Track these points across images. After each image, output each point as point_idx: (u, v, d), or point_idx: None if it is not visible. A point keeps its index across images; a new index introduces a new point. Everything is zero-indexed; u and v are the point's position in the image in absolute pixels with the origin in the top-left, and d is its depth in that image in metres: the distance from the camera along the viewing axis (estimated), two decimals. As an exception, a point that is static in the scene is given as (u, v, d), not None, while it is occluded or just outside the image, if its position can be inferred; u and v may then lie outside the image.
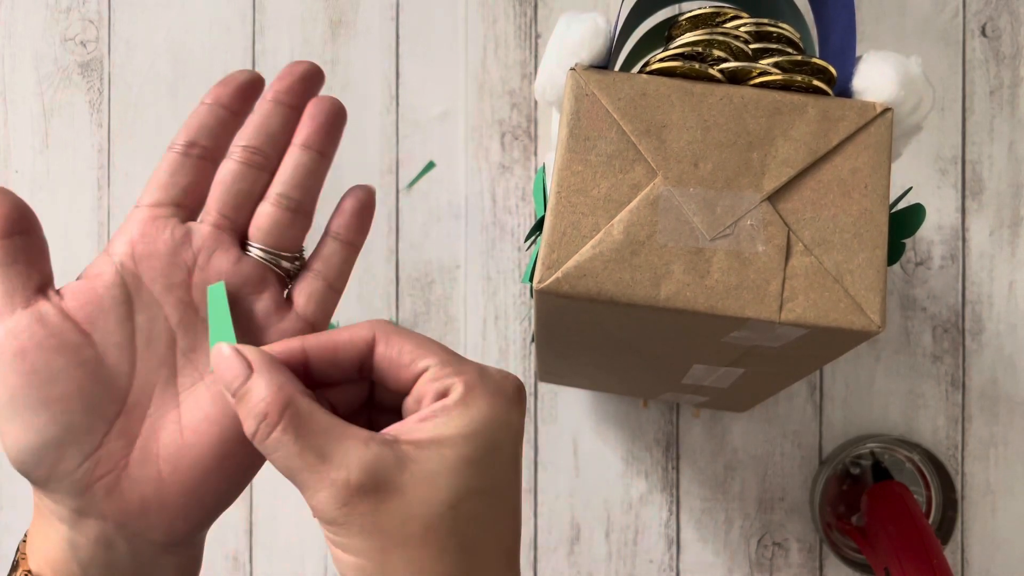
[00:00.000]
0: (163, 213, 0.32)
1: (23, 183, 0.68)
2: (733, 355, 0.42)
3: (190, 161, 0.33)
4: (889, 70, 0.37)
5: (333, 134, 0.34)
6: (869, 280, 0.36)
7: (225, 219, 0.33)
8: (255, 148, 0.33)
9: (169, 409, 0.31)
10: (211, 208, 0.33)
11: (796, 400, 0.66)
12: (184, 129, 0.33)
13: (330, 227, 0.34)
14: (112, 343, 0.31)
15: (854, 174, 0.37)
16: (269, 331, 0.33)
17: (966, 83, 0.66)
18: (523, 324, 0.66)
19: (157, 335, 0.32)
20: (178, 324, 0.32)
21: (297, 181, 0.33)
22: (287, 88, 0.34)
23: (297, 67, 0.34)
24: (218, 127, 0.33)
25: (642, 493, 0.66)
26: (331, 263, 0.34)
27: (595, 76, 0.37)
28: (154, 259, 0.32)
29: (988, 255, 0.66)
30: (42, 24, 0.68)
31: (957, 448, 0.65)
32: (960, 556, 0.65)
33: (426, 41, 0.68)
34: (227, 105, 0.33)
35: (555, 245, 0.36)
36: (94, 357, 0.30)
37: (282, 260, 0.33)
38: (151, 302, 0.32)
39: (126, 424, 0.31)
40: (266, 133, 0.33)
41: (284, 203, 0.33)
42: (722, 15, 0.41)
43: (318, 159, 0.33)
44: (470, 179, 0.67)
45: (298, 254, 0.34)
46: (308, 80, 0.34)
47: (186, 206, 0.33)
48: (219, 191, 0.33)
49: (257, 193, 0.33)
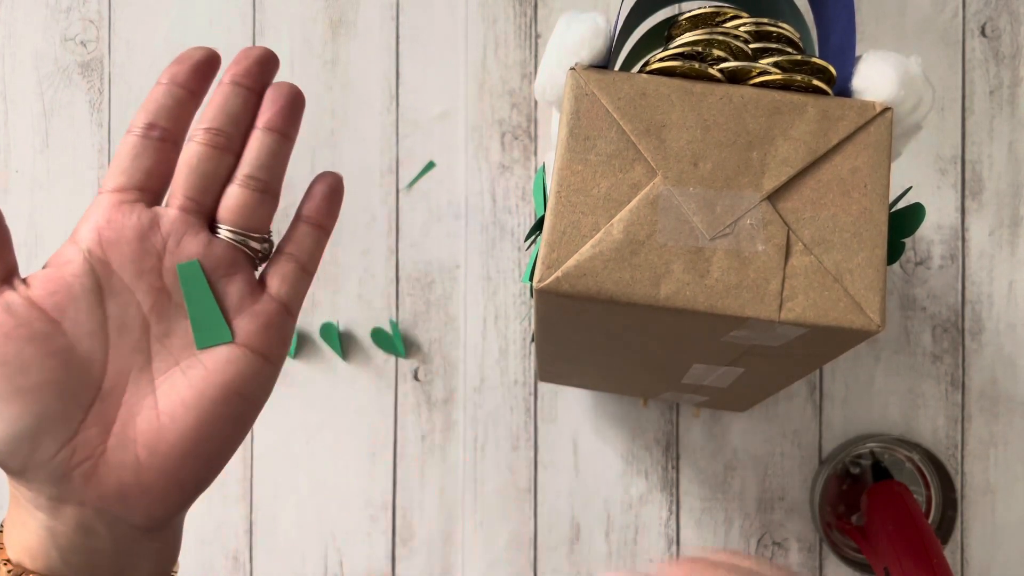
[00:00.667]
0: (128, 198, 0.32)
1: (23, 183, 0.68)
2: (733, 354, 0.42)
3: (151, 144, 0.32)
4: (889, 70, 0.37)
5: (294, 117, 0.34)
6: (869, 279, 0.36)
7: (192, 202, 0.33)
8: (217, 130, 0.33)
9: (145, 395, 0.32)
10: (177, 191, 0.33)
11: (796, 400, 0.66)
12: (142, 111, 0.33)
13: (301, 211, 0.35)
14: (84, 331, 0.31)
15: (854, 174, 0.37)
16: (244, 313, 0.33)
17: (966, 83, 0.66)
18: (523, 324, 0.66)
19: (130, 321, 0.32)
20: (151, 310, 0.32)
21: (263, 162, 0.33)
22: (244, 71, 0.33)
23: (252, 51, 0.34)
24: (177, 108, 0.33)
25: (642, 493, 0.66)
26: (303, 246, 0.34)
27: (595, 76, 0.37)
28: (123, 245, 0.32)
29: (988, 255, 0.66)
30: (42, 24, 0.68)
31: (957, 448, 0.65)
32: (960, 556, 0.65)
33: (426, 41, 0.68)
34: (184, 84, 0.33)
35: (555, 244, 0.36)
36: (65, 345, 0.30)
37: (252, 241, 0.33)
38: (122, 289, 0.32)
39: (101, 411, 0.31)
40: (228, 114, 0.33)
41: (252, 184, 0.33)
42: (722, 15, 0.41)
43: (282, 141, 0.33)
44: (470, 179, 0.67)
45: (267, 235, 0.34)
46: (264, 64, 0.34)
47: (150, 190, 0.33)
48: (184, 174, 0.33)
49: (223, 175, 0.33)
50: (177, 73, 0.33)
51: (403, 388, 0.67)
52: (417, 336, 0.67)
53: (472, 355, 0.66)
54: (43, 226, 0.68)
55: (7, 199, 0.68)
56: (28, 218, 0.68)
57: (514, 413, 0.66)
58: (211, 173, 0.33)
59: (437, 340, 0.67)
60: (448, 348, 0.67)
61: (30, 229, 0.68)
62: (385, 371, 0.67)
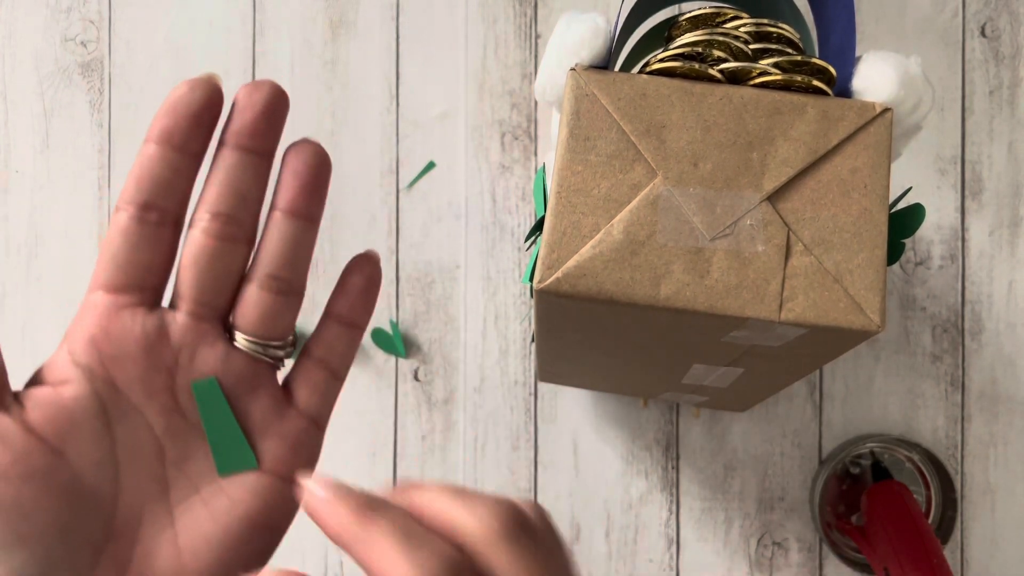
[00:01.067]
0: (126, 302, 0.27)
1: (23, 183, 0.68)
2: (733, 355, 0.42)
3: (149, 230, 0.27)
4: (889, 70, 0.37)
5: (320, 193, 0.28)
6: (869, 280, 0.36)
7: (204, 307, 0.28)
8: (227, 216, 0.27)
9: (163, 528, 0.28)
10: (185, 293, 0.28)
11: (796, 400, 0.66)
12: (134, 183, 0.27)
13: (332, 309, 0.30)
14: (90, 461, 0.26)
15: (854, 174, 0.37)
16: (269, 434, 0.29)
17: (966, 83, 0.66)
18: (523, 324, 0.66)
19: (141, 447, 0.27)
20: (164, 433, 0.28)
21: (287, 258, 0.28)
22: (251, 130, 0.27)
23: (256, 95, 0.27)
24: (176, 179, 0.27)
25: (642, 493, 0.66)
26: (334, 349, 0.30)
27: (595, 76, 0.37)
28: (127, 361, 0.27)
29: (988, 255, 0.66)
30: (42, 24, 0.68)
31: (957, 448, 0.65)
32: (960, 556, 0.65)
33: (426, 41, 0.68)
34: (182, 147, 0.27)
35: (555, 245, 0.36)
36: (70, 480, 0.26)
37: (275, 349, 0.29)
38: (130, 411, 0.27)
39: (116, 550, 0.27)
40: (236, 194, 0.27)
41: (275, 286, 0.28)
42: (722, 15, 0.41)
43: (306, 227, 0.28)
44: (470, 179, 0.67)
45: (291, 338, 0.30)
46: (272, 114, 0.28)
47: (151, 287, 0.28)
48: (193, 274, 0.28)
49: (236, 271, 0.28)
50: (172, 131, 0.27)
51: (403, 388, 0.67)
52: (417, 336, 0.67)
53: (472, 355, 0.66)
54: (43, 226, 0.68)
55: (7, 199, 0.68)
56: (28, 218, 0.68)
57: (514, 413, 0.66)
58: (224, 272, 0.28)
59: (437, 340, 0.67)
60: (448, 348, 0.67)
61: (30, 229, 0.68)
62: (385, 371, 0.67)
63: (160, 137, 0.27)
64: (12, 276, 0.68)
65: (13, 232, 0.68)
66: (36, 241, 0.68)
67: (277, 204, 0.28)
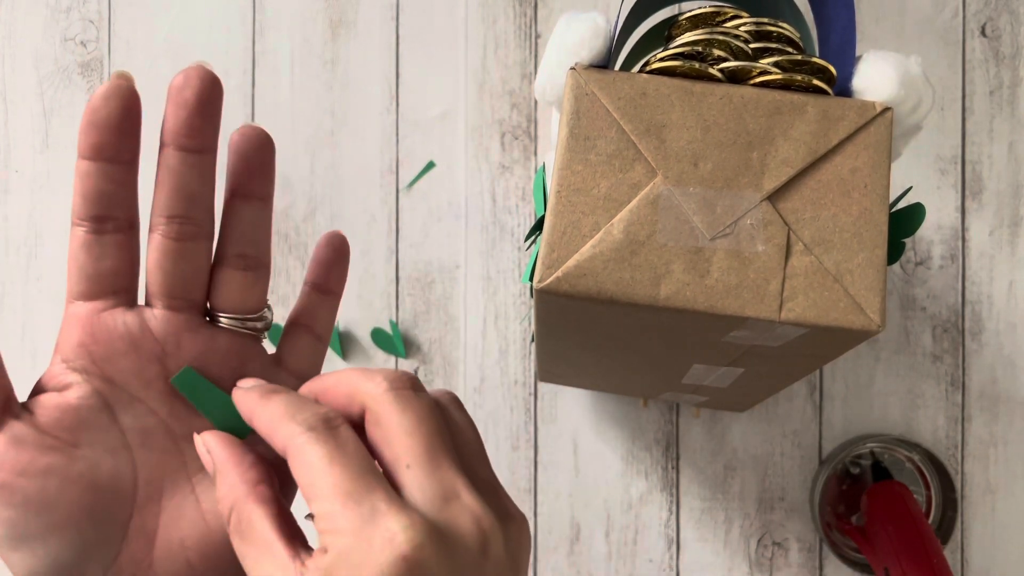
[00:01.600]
0: (104, 306, 0.29)
1: (23, 183, 0.68)
2: (733, 355, 0.42)
3: (107, 238, 0.29)
4: (889, 70, 0.37)
5: (268, 173, 0.30)
6: (869, 280, 0.36)
7: (177, 300, 0.30)
8: (181, 217, 0.29)
9: (185, 496, 0.30)
10: (157, 292, 0.30)
11: (796, 400, 0.66)
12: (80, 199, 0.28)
13: (310, 279, 0.33)
14: (104, 449, 0.29)
15: (854, 174, 0.37)
16: None
17: (966, 83, 0.66)
18: (523, 324, 0.66)
19: (150, 430, 0.30)
20: (169, 415, 0.30)
21: (248, 237, 0.30)
22: (187, 129, 0.28)
23: (187, 91, 0.28)
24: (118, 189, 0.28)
25: (642, 493, 0.66)
26: (315, 315, 0.33)
27: (595, 76, 0.37)
28: (118, 358, 0.29)
29: (988, 255, 0.66)
30: (42, 24, 0.68)
31: (957, 448, 0.65)
32: (960, 556, 0.65)
33: (426, 41, 0.68)
34: (115, 158, 0.28)
35: (555, 244, 0.36)
36: (88, 469, 0.28)
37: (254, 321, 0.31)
38: (132, 401, 0.29)
39: (141, 523, 0.29)
40: (185, 195, 0.29)
41: (243, 264, 0.30)
42: (722, 15, 0.41)
43: (261, 206, 0.31)
44: (470, 179, 0.67)
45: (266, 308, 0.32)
46: (206, 107, 0.28)
47: (123, 288, 0.29)
48: (160, 276, 0.29)
49: (202, 263, 0.30)
50: (100, 146, 0.28)
51: (403, 388, 0.67)
52: (417, 336, 0.67)
53: (472, 355, 0.66)
54: (43, 226, 0.68)
55: (7, 199, 0.68)
56: (28, 218, 0.68)
57: (514, 413, 0.66)
58: (189, 266, 0.30)
59: (437, 340, 0.67)
60: (448, 348, 0.67)
61: (30, 229, 0.68)
62: (385, 371, 0.67)
63: (91, 153, 0.28)
64: (12, 276, 0.68)
65: (13, 232, 0.68)
66: (36, 241, 0.68)
67: (231, 189, 0.30)
